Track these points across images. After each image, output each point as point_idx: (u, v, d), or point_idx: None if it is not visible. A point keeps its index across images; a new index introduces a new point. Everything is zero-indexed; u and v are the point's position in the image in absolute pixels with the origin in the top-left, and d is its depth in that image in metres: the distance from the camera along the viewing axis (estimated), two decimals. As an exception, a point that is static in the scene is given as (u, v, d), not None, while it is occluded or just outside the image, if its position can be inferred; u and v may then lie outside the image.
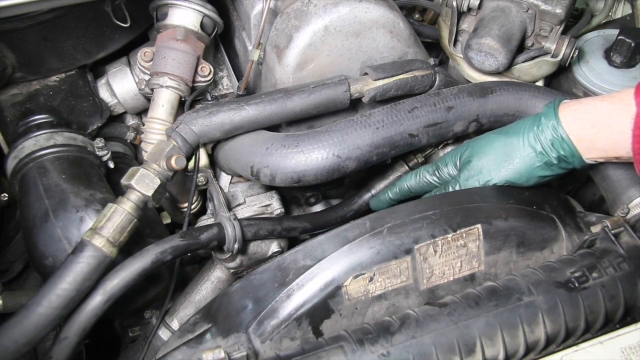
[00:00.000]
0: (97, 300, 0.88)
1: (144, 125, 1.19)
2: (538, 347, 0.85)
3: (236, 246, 1.03)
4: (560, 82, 1.36)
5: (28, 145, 1.09)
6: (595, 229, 0.94)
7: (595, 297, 0.87)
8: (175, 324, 1.17)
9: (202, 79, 1.21)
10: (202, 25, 1.21)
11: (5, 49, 1.14)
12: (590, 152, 0.94)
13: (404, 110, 1.07)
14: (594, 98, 0.97)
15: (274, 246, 1.15)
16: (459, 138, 1.20)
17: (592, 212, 1.03)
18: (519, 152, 0.98)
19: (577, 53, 1.22)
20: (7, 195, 1.23)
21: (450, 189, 1.04)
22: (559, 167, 0.97)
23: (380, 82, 1.11)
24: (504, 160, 0.99)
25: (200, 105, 1.17)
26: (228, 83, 1.36)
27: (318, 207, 1.37)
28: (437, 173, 1.10)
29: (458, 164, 1.06)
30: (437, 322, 0.83)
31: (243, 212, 1.17)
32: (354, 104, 1.15)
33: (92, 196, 1.03)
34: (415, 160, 1.28)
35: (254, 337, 0.84)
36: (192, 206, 1.24)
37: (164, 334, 1.16)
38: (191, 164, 1.07)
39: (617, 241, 0.91)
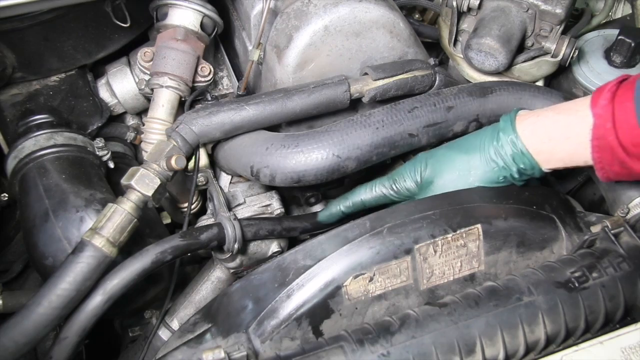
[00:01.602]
0: (97, 300, 0.88)
1: (144, 125, 1.19)
2: (538, 347, 0.85)
3: (236, 246, 1.03)
4: (560, 82, 1.37)
5: (28, 145, 1.09)
6: (595, 229, 0.94)
7: (595, 297, 0.87)
8: (175, 324, 1.17)
9: (202, 79, 1.21)
10: (202, 25, 1.21)
11: (5, 49, 1.14)
12: (549, 163, 0.95)
13: (404, 110, 1.07)
14: (550, 109, 0.97)
15: (274, 246, 1.15)
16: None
17: (592, 212, 1.03)
18: (481, 168, 0.98)
19: (577, 53, 1.22)
20: (7, 195, 1.23)
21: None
22: (519, 179, 0.97)
23: (380, 82, 1.11)
24: (466, 177, 0.99)
25: (200, 105, 1.17)
26: (228, 83, 1.36)
27: (318, 207, 1.37)
28: (394, 187, 1.08)
29: (418, 180, 1.04)
30: (437, 322, 0.83)
31: (243, 212, 1.17)
32: (354, 104, 1.15)
33: (92, 196, 1.03)
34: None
35: (254, 337, 0.84)
36: (192, 206, 1.24)
37: (164, 334, 1.16)
38: (191, 164, 1.07)
39: (617, 241, 0.91)
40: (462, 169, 1.00)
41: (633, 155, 0.84)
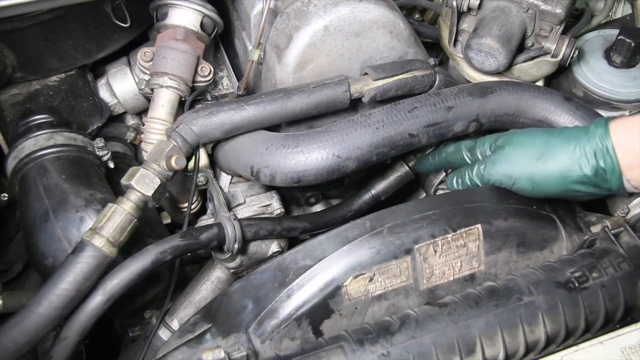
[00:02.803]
0: (97, 300, 0.88)
1: (144, 125, 1.19)
2: (538, 347, 0.85)
3: (236, 246, 1.03)
4: (560, 82, 1.36)
5: (28, 145, 1.09)
6: (595, 229, 0.94)
7: (595, 297, 0.87)
8: (175, 324, 1.17)
9: (202, 79, 1.21)
10: (202, 25, 1.21)
11: (5, 49, 1.14)
12: (634, 170, 0.86)
13: (404, 110, 1.07)
14: None
15: (274, 246, 1.15)
16: (459, 138, 1.19)
17: (592, 212, 1.03)
18: (557, 155, 0.91)
19: (577, 53, 1.21)
20: (7, 195, 1.23)
21: (476, 169, 1.00)
22: (593, 185, 0.89)
23: (380, 82, 1.11)
24: (538, 158, 0.92)
25: (200, 105, 1.17)
26: (228, 83, 1.36)
27: (318, 207, 1.37)
28: (472, 150, 1.06)
29: (494, 146, 1.02)
30: (437, 322, 0.83)
31: (243, 212, 1.17)
32: (354, 104, 1.14)
33: (92, 196, 1.03)
34: (415, 161, 1.28)
35: (254, 337, 0.84)
36: (192, 206, 1.24)
37: (164, 334, 1.16)
38: (191, 164, 1.07)
39: (617, 241, 0.91)
40: (537, 148, 0.93)
41: None
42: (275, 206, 1.20)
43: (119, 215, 0.90)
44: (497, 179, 0.98)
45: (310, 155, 1.02)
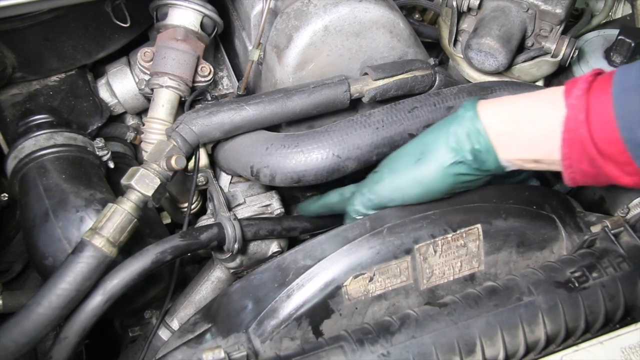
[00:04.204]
0: (97, 300, 0.88)
1: (144, 125, 1.19)
2: (538, 347, 0.85)
3: (236, 246, 1.03)
4: (560, 82, 1.36)
5: (28, 145, 1.09)
6: (595, 228, 0.94)
7: (595, 297, 0.87)
8: (175, 324, 1.17)
9: (202, 79, 1.21)
10: (202, 25, 1.21)
11: (5, 49, 1.14)
12: (508, 150, 0.84)
13: (404, 110, 1.07)
14: (518, 95, 0.87)
15: (274, 246, 1.15)
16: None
17: (592, 212, 1.03)
18: (434, 149, 0.87)
19: (577, 53, 1.22)
20: (7, 195, 1.23)
21: (359, 199, 0.95)
22: (475, 169, 0.86)
23: (380, 82, 1.12)
24: (417, 159, 0.89)
25: (200, 105, 1.17)
26: (228, 83, 1.36)
27: (318, 207, 1.37)
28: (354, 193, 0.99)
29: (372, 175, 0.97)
30: (437, 322, 0.83)
31: (243, 212, 1.17)
32: (354, 104, 1.15)
33: (92, 196, 1.03)
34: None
35: (254, 337, 0.84)
36: (192, 206, 1.24)
37: (164, 334, 1.16)
38: (191, 164, 1.07)
39: (617, 241, 0.91)
40: (413, 152, 0.90)
41: (605, 155, 0.76)
42: (275, 206, 1.20)
43: (119, 215, 0.90)
44: (385, 196, 0.92)
45: (310, 155, 1.02)
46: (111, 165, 1.17)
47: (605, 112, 0.75)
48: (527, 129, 0.82)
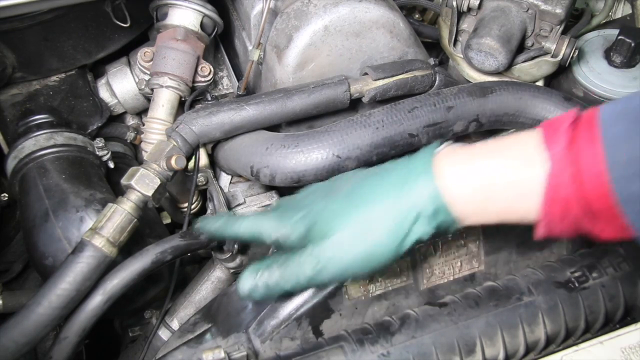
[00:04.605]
0: (97, 300, 0.88)
1: (144, 125, 1.19)
2: (538, 347, 0.85)
3: (236, 246, 1.03)
4: (560, 82, 1.36)
5: (28, 145, 1.09)
6: (596, 228, 0.94)
7: (595, 297, 0.87)
8: (175, 324, 1.17)
9: (202, 79, 1.21)
10: (202, 25, 1.21)
11: (5, 49, 1.14)
12: (477, 216, 0.72)
13: (404, 110, 1.07)
14: (484, 150, 0.72)
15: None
16: (459, 138, 1.19)
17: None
18: (382, 222, 0.72)
19: (577, 53, 1.21)
20: (7, 195, 1.22)
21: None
22: (432, 236, 0.73)
23: (380, 82, 1.12)
24: (364, 232, 0.73)
25: (200, 105, 1.17)
26: (228, 83, 1.36)
27: (318, 207, 1.37)
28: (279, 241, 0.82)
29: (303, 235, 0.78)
30: (437, 322, 0.83)
31: (243, 212, 1.17)
32: (354, 104, 1.14)
33: (92, 196, 1.03)
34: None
35: (254, 337, 0.84)
36: (192, 206, 1.24)
37: (164, 334, 1.16)
38: (191, 164, 1.07)
39: (617, 241, 0.91)
40: (362, 221, 0.73)
41: (591, 211, 0.65)
42: (275, 206, 1.20)
43: (119, 215, 0.90)
44: (332, 279, 0.76)
45: (310, 155, 1.02)
46: (111, 165, 1.17)
47: (596, 163, 0.64)
48: (502, 195, 0.69)
